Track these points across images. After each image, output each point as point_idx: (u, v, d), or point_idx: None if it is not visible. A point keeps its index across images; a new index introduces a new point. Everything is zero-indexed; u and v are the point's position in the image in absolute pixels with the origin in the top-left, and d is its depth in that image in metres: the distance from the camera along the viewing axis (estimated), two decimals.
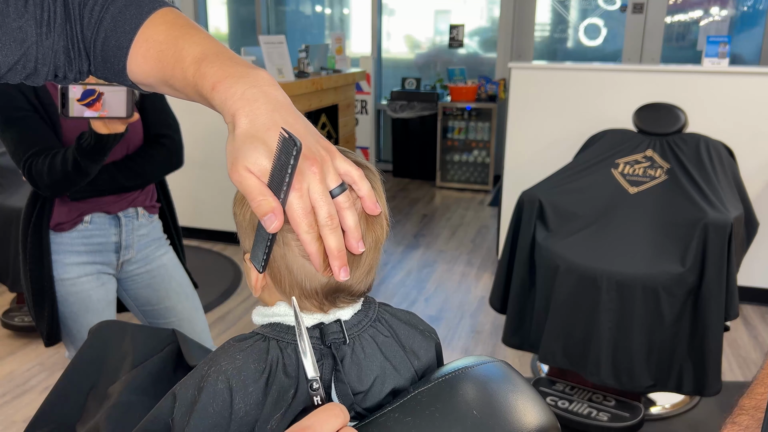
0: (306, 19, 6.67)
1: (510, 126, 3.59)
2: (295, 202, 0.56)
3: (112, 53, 0.67)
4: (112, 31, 0.67)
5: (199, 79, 0.61)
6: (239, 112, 0.57)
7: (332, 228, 0.58)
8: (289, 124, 0.57)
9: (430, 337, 0.76)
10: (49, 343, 1.61)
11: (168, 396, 0.66)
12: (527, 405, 0.67)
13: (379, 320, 0.72)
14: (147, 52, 0.65)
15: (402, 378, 0.70)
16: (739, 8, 5.06)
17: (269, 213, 0.55)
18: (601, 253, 2.19)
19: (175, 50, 0.63)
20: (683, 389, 2.15)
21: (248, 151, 0.56)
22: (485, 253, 4.02)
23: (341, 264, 0.59)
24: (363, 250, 0.61)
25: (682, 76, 3.23)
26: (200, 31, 0.66)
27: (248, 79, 0.59)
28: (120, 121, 1.34)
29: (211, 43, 0.64)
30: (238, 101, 0.58)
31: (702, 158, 2.44)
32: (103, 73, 0.70)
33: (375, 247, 0.67)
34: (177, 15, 0.67)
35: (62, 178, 1.41)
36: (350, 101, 4.77)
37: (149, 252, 1.70)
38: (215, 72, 0.60)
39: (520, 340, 2.41)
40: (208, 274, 3.64)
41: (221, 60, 0.61)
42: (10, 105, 1.43)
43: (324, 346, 0.66)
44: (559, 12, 5.58)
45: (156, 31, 0.65)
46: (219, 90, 0.59)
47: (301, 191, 0.56)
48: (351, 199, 0.60)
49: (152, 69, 0.65)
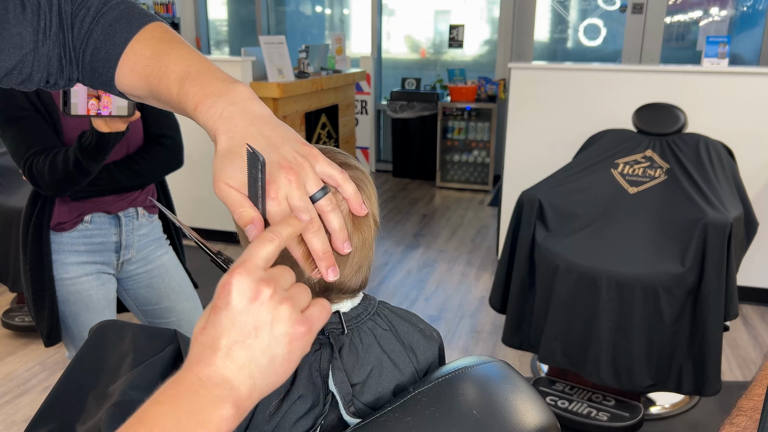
0: (306, 19, 6.67)
1: (510, 126, 3.60)
2: (273, 209, 0.58)
3: (100, 64, 0.69)
4: (102, 43, 0.69)
5: (182, 98, 0.63)
6: (219, 131, 0.60)
7: (313, 231, 0.59)
8: (264, 135, 0.59)
9: (431, 336, 0.76)
10: (49, 343, 1.61)
11: None
12: (527, 405, 0.67)
13: (378, 314, 0.73)
14: (134, 66, 0.67)
15: (402, 374, 0.71)
16: (739, 8, 5.06)
17: (249, 223, 0.57)
18: (601, 253, 2.19)
19: (160, 67, 0.65)
20: (683, 389, 2.15)
21: (225, 167, 0.58)
22: (485, 253, 4.02)
23: (328, 264, 0.60)
24: (349, 250, 0.62)
25: (682, 76, 3.23)
26: (184, 47, 0.68)
27: (227, 96, 0.61)
28: (121, 120, 1.34)
29: (194, 59, 0.66)
30: (217, 121, 0.60)
31: (702, 158, 2.44)
32: (91, 83, 0.72)
33: (363, 246, 0.68)
34: (165, 30, 0.70)
35: (63, 177, 1.41)
36: (350, 101, 4.77)
37: (149, 252, 1.70)
38: (197, 92, 0.62)
39: (519, 340, 2.41)
40: (208, 274, 3.62)
41: (202, 78, 0.63)
42: (11, 104, 1.43)
43: (322, 335, 0.67)
44: (559, 12, 5.58)
45: (144, 47, 0.67)
46: (200, 110, 0.61)
47: (278, 199, 0.57)
48: (334, 201, 0.61)
49: (139, 83, 0.68)
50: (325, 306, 0.55)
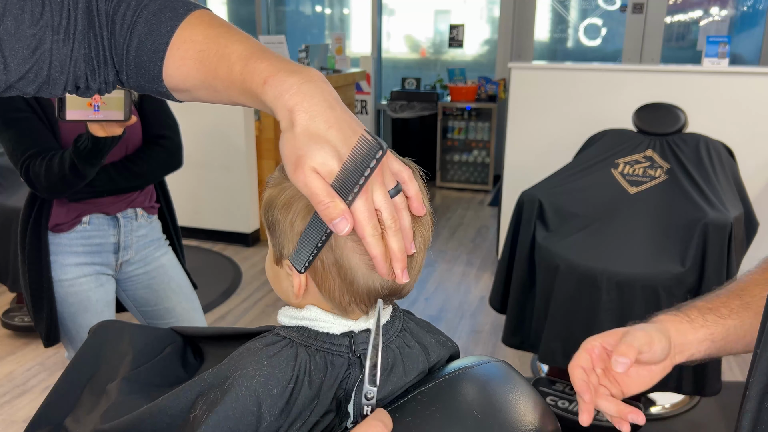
0: (306, 19, 6.67)
1: (510, 126, 3.59)
2: (362, 204, 0.54)
3: (147, 58, 0.64)
4: (147, 35, 0.64)
5: (248, 75, 0.58)
6: (297, 107, 0.55)
7: (395, 230, 0.57)
8: (345, 122, 0.56)
9: (451, 347, 0.75)
10: (48, 344, 1.60)
11: (179, 391, 0.65)
12: (527, 405, 0.67)
13: (405, 329, 0.70)
14: (186, 53, 0.63)
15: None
16: (739, 8, 5.06)
17: (340, 217, 0.53)
18: (601, 253, 2.19)
19: (218, 48, 0.61)
20: (683, 389, 2.15)
21: (315, 150, 0.54)
22: (485, 253, 4.02)
23: (403, 266, 0.58)
24: (415, 250, 0.61)
25: (682, 76, 3.23)
26: (240, 31, 0.64)
27: (302, 74, 0.57)
28: (117, 124, 1.33)
29: (253, 42, 0.62)
30: (295, 95, 0.55)
31: (702, 158, 2.43)
32: (136, 81, 0.67)
33: (424, 247, 0.66)
34: (213, 16, 0.65)
35: (59, 180, 1.41)
36: (350, 101, 4.78)
37: (148, 253, 1.70)
38: (266, 67, 0.58)
39: (520, 340, 2.41)
40: (208, 274, 3.63)
41: (269, 56, 0.59)
42: (8, 106, 1.43)
43: (353, 356, 0.64)
44: (559, 12, 5.58)
45: (194, 32, 0.63)
46: (272, 84, 0.56)
47: (368, 193, 0.55)
48: (405, 200, 0.59)
49: (192, 70, 0.63)
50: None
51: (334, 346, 0.64)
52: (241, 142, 3.94)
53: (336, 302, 0.65)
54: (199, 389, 0.64)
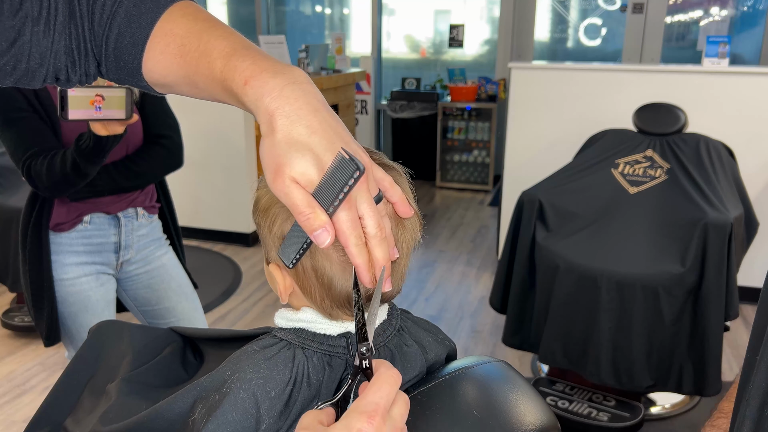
0: (306, 19, 6.67)
1: (510, 126, 3.59)
2: (345, 214, 0.53)
3: (126, 51, 0.61)
4: (126, 26, 0.60)
5: (229, 73, 0.55)
6: (278, 111, 0.52)
7: (381, 238, 0.55)
8: (331, 128, 0.53)
9: (449, 346, 0.75)
10: (48, 343, 1.61)
11: (176, 397, 0.65)
12: (527, 405, 0.67)
13: (402, 329, 0.70)
14: (166, 47, 0.59)
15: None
16: (739, 8, 5.06)
17: (320, 229, 0.52)
18: (601, 253, 2.19)
19: (199, 43, 0.58)
20: (683, 389, 2.15)
21: (295, 159, 0.51)
22: (485, 253, 4.02)
23: (388, 274, 0.57)
24: (398, 256, 0.60)
25: (682, 76, 3.23)
26: (225, 26, 0.60)
27: (286, 75, 0.54)
28: (119, 123, 1.33)
29: (238, 38, 0.58)
30: (276, 99, 0.52)
31: (702, 158, 2.43)
32: (116, 74, 0.64)
33: (407, 252, 0.66)
34: (197, 8, 0.62)
35: (61, 179, 1.41)
36: (350, 101, 4.77)
37: (149, 252, 1.70)
38: (248, 66, 0.54)
39: (520, 340, 2.41)
40: (208, 274, 3.63)
41: (252, 54, 0.56)
42: (9, 105, 1.43)
43: (351, 357, 0.64)
44: (560, 12, 5.57)
45: (176, 25, 0.59)
46: (253, 85, 0.53)
47: (351, 203, 0.53)
48: (386, 206, 0.59)
49: (172, 65, 0.59)
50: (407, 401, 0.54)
51: (331, 347, 0.64)
52: (241, 142, 3.94)
53: (318, 306, 0.65)
54: (197, 393, 0.64)
